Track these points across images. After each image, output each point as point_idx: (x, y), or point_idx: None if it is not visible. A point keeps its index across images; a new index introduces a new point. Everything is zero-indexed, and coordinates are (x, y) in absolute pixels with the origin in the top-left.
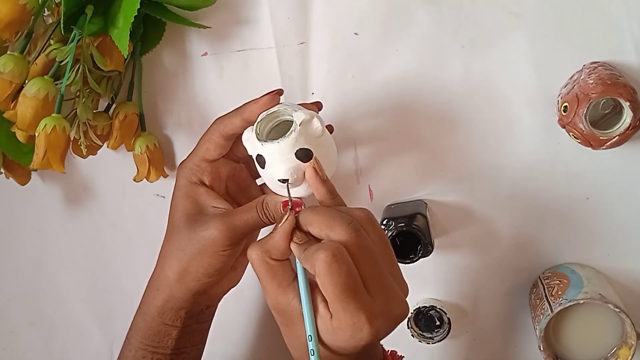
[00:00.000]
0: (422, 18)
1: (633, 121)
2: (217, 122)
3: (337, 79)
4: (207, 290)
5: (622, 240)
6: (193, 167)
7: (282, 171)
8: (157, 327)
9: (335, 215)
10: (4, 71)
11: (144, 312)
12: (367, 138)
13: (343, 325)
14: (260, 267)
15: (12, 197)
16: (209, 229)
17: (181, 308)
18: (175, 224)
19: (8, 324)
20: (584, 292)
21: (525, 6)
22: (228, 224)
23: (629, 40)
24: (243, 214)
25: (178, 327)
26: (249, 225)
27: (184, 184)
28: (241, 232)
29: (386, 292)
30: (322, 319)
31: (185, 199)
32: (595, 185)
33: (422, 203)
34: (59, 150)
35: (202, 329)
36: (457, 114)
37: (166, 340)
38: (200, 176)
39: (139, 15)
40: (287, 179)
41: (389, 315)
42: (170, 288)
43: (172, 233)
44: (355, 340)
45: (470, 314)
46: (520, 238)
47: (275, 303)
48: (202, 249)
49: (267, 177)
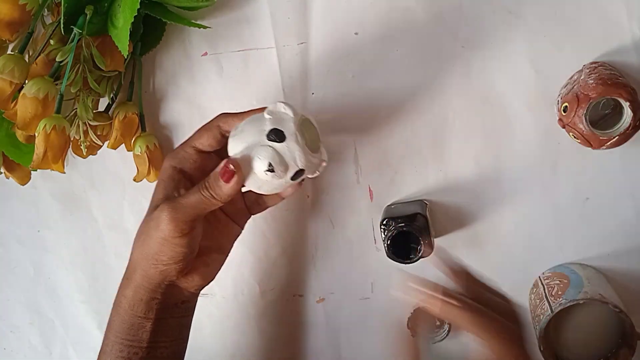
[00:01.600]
0: (422, 18)
1: (633, 121)
2: (220, 117)
3: (337, 79)
4: (173, 282)
5: (622, 240)
6: (180, 152)
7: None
8: (130, 320)
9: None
10: (4, 71)
11: (117, 305)
12: (367, 138)
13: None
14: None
15: (12, 197)
16: (157, 212)
17: (151, 299)
18: (148, 209)
19: (8, 324)
20: (584, 292)
21: (525, 6)
22: (172, 206)
23: (629, 40)
24: (187, 195)
25: (151, 319)
26: (193, 206)
27: (165, 167)
28: (186, 214)
29: None
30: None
31: (159, 184)
32: (595, 185)
33: (422, 203)
34: (59, 150)
35: (179, 324)
36: (457, 114)
37: (141, 333)
38: (183, 163)
39: (139, 15)
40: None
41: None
42: (136, 275)
43: (144, 218)
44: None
45: None
46: (520, 238)
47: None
48: (154, 234)
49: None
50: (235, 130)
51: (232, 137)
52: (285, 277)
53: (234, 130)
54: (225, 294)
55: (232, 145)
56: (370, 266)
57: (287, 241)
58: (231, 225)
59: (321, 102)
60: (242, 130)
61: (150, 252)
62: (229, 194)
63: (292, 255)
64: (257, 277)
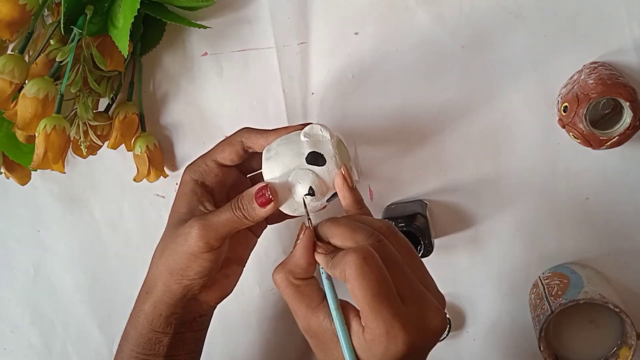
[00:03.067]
0: (422, 18)
1: (633, 121)
2: (242, 132)
3: (337, 79)
4: (195, 296)
5: (622, 240)
6: (200, 165)
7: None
8: (148, 335)
9: (356, 225)
10: (4, 71)
11: (134, 318)
12: (367, 138)
13: (377, 335)
14: (287, 290)
15: (12, 197)
16: (186, 228)
17: (171, 314)
18: (168, 222)
19: (8, 324)
20: (584, 292)
21: (525, 6)
22: (203, 224)
23: (629, 40)
24: (218, 213)
25: (169, 334)
26: (224, 224)
27: (186, 180)
28: (217, 232)
29: (419, 301)
30: (355, 335)
31: (181, 197)
32: (595, 185)
33: (422, 203)
34: (59, 150)
35: (196, 337)
36: (457, 114)
37: (158, 347)
38: (205, 176)
39: (139, 15)
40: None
41: (424, 325)
42: (157, 289)
43: (164, 231)
44: (391, 353)
45: (470, 314)
46: (520, 238)
47: (306, 326)
48: (181, 249)
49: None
50: (269, 153)
51: (267, 160)
52: None
53: (268, 152)
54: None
55: (269, 169)
56: None
57: (287, 241)
58: (250, 236)
59: (321, 102)
60: (278, 153)
61: (176, 267)
62: (262, 217)
63: None
64: (257, 277)
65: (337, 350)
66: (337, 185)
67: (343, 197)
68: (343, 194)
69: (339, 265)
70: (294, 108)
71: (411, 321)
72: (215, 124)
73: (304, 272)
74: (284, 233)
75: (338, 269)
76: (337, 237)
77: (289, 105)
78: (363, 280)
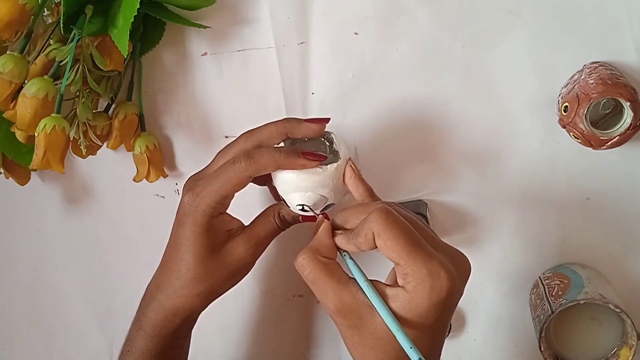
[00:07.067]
0: (422, 18)
1: (633, 121)
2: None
3: (337, 79)
4: (194, 308)
5: (622, 240)
6: (212, 204)
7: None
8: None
9: (366, 203)
10: (4, 71)
11: (137, 321)
12: (367, 138)
13: (420, 279)
14: (315, 268)
15: (12, 197)
16: (237, 252)
17: (193, 320)
18: (193, 256)
19: (8, 324)
20: (584, 292)
21: (525, 6)
22: (253, 239)
23: (629, 40)
24: (263, 226)
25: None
26: (269, 235)
27: (204, 221)
28: (263, 242)
29: (443, 249)
30: (392, 299)
31: (205, 235)
32: (596, 185)
33: (422, 203)
34: (59, 150)
35: (182, 345)
36: (457, 114)
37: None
38: (222, 209)
39: (139, 15)
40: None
41: (455, 264)
42: (192, 311)
43: (190, 265)
44: (436, 291)
45: (470, 314)
46: (520, 238)
47: (339, 303)
48: (232, 272)
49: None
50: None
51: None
52: (285, 277)
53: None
54: (225, 295)
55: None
56: None
57: (287, 241)
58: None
59: (321, 102)
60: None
61: (220, 291)
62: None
63: (291, 256)
64: (257, 277)
65: (373, 323)
66: (347, 179)
67: (356, 188)
68: (355, 185)
69: (362, 231)
70: (294, 108)
71: (445, 261)
72: (215, 124)
73: (329, 250)
74: (284, 233)
75: (362, 234)
76: (351, 216)
77: (289, 105)
78: (393, 229)
